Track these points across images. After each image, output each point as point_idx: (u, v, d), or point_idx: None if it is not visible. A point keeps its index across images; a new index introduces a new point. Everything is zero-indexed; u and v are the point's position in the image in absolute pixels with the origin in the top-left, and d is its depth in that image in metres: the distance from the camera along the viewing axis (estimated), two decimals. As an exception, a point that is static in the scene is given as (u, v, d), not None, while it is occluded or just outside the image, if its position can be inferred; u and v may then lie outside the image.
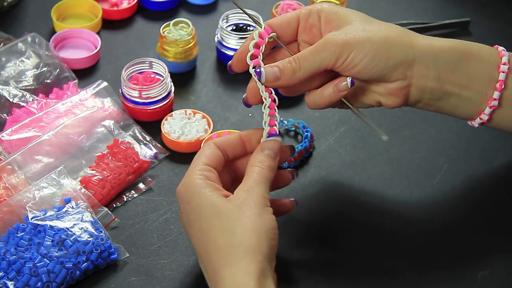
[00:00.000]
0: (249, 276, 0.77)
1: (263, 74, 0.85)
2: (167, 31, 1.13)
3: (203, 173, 0.83)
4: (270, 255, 0.79)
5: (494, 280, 0.91)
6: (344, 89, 0.86)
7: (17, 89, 1.06)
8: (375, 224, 0.96)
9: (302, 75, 0.85)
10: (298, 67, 0.85)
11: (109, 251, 0.90)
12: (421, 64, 0.86)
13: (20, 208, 0.91)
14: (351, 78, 0.86)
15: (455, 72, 0.87)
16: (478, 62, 0.87)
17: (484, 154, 1.04)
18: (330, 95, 0.87)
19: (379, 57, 0.84)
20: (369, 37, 0.84)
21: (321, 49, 0.85)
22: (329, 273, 0.91)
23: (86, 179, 0.97)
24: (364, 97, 0.89)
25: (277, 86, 0.87)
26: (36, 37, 1.12)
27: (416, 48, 0.86)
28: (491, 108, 0.88)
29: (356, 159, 1.03)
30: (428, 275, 0.91)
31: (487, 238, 0.95)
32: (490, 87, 0.88)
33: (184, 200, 0.83)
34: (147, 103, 1.06)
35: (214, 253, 0.79)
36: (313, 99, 0.88)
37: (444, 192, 0.99)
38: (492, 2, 1.28)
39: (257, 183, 0.82)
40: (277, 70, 0.85)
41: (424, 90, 0.87)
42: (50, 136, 0.99)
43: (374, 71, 0.85)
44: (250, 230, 0.79)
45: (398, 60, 0.85)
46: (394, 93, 0.87)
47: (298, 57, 0.85)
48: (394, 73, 0.85)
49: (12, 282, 0.85)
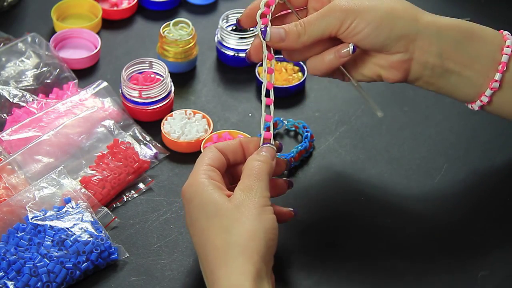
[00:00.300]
0: (245, 276, 0.76)
1: (269, 33, 0.87)
2: (167, 31, 1.13)
3: (206, 172, 0.84)
4: (268, 256, 0.79)
5: (494, 280, 0.90)
6: (346, 55, 0.87)
7: (17, 89, 1.06)
8: (375, 224, 0.96)
9: (306, 39, 0.87)
10: (303, 31, 0.86)
11: (109, 251, 0.90)
12: (424, 39, 0.86)
13: (20, 208, 0.91)
14: (353, 45, 0.87)
15: (458, 50, 0.87)
16: (482, 42, 0.88)
17: (484, 154, 1.04)
18: (331, 60, 0.88)
19: (382, 26, 0.85)
20: (374, 6, 0.85)
21: (326, 14, 0.86)
22: (329, 273, 0.91)
23: (86, 179, 0.97)
24: (364, 69, 0.90)
25: (281, 47, 0.88)
26: (36, 37, 1.12)
27: (421, 22, 0.87)
28: (491, 89, 0.88)
29: (356, 159, 1.03)
30: (428, 275, 0.91)
31: (487, 238, 0.95)
32: (492, 69, 0.88)
33: (188, 199, 0.83)
34: (147, 103, 1.06)
35: (211, 253, 0.79)
36: (314, 64, 0.90)
37: (444, 192, 0.99)
38: (492, 2, 1.28)
39: (256, 180, 0.82)
40: (282, 31, 0.87)
41: (425, 66, 0.87)
42: (50, 136, 0.99)
43: (376, 40, 0.86)
44: (247, 230, 0.79)
45: (401, 32, 0.86)
46: (395, 66, 0.88)
47: (304, 22, 0.87)
48: (396, 44, 0.86)
49: (12, 282, 0.85)
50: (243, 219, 0.79)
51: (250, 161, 0.85)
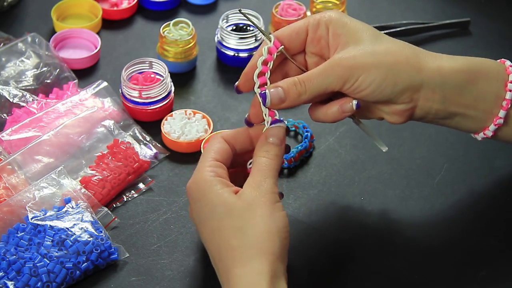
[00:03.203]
0: (262, 276, 0.77)
1: (268, 97, 0.84)
2: (167, 31, 1.13)
3: (213, 169, 0.83)
4: (283, 255, 0.80)
5: (494, 280, 0.90)
6: (349, 110, 0.86)
7: (17, 89, 1.06)
8: (375, 224, 0.96)
9: (307, 97, 0.85)
10: (304, 89, 0.84)
11: (109, 251, 0.90)
12: (427, 88, 0.85)
13: (20, 208, 0.91)
14: (357, 101, 0.85)
15: (462, 95, 0.86)
16: (486, 81, 0.86)
17: (484, 154, 1.04)
18: (334, 114, 0.86)
19: (386, 82, 0.83)
20: (378, 62, 0.83)
21: (328, 72, 0.84)
22: (329, 273, 0.91)
23: (86, 179, 0.97)
24: (368, 113, 0.89)
25: (282, 108, 0.86)
26: (36, 37, 1.12)
27: (424, 72, 0.85)
28: (496, 125, 0.88)
29: (356, 159, 1.03)
30: (428, 275, 0.91)
31: (487, 238, 0.95)
32: (496, 106, 0.87)
33: (195, 198, 0.83)
34: (147, 103, 1.06)
35: (227, 253, 0.79)
36: (317, 116, 0.88)
37: (444, 192, 0.99)
38: (492, 2, 1.28)
39: (265, 177, 0.82)
40: (281, 92, 0.84)
41: (429, 112, 0.87)
42: (50, 136, 0.99)
43: (381, 95, 0.84)
44: (262, 231, 0.79)
45: (406, 85, 0.84)
46: (398, 113, 0.86)
47: (304, 80, 0.84)
48: (401, 97, 0.85)
49: (12, 282, 0.85)
50: (256, 219, 0.79)
51: (258, 157, 0.84)
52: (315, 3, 1.19)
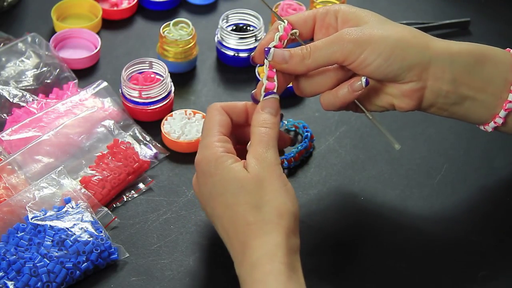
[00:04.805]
0: (279, 247, 0.78)
1: (271, 52, 0.86)
2: (167, 31, 1.13)
3: (222, 144, 0.84)
4: (296, 228, 0.82)
5: (494, 280, 0.91)
6: (359, 88, 0.86)
7: (17, 89, 1.06)
8: (375, 224, 0.96)
9: (310, 63, 0.85)
10: (308, 54, 0.85)
11: (109, 251, 0.90)
12: (437, 66, 0.85)
13: (20, 208, 0.91)
14: (366, 78, 0.85)
15: (471, 75, 0.86)
16: (493, 64, 0.87)
17: (484, 154, 1.04)
18: (344, 95, 0.87)
19: (393, 56, 0.84)
20: (384, 36, 0.84)
21: (334, 42, 0.85)
22: (329, 273, 0.91)
23: (86, 179, 0.97)
24: (377, 99, 0.89)
25: (284, 69, 0.87)
26: (36, 37, 1.12)
27: (432, 49, 0.85)
28: (506, 110, 0.87)
29: (356, 159, 1.03)
30: (428, 275, 0.91)
31: (487, 238, 0.95)
32: (505, 90, 0.87)
33: (206, 173, 0.83)
34: (147, 103, 1.06)
35: (243, 228, 0.80)
36: (328, 99, 0.88)
37: (444, 192, 0.99)
38: (492, 2, 1.28)
39: (267, 148, 0.83)
40: (287, 53, 0.86)
41: (439, 93, 0.86)
42: (50, 136, 0.99)
43: (388, 70, 0.84)
44: (277, 207, 0.80)
45: (413, 61, 0.84)
46: (408, 94, 0.86)
47: (310, 46, 0.86)
48: (409, 74, 0.85)
49: (12, 282, 0.85)
50: (269, 196, 0.80)
51: (256, 127, 0.85)
52: (315, 3, 1.19)
